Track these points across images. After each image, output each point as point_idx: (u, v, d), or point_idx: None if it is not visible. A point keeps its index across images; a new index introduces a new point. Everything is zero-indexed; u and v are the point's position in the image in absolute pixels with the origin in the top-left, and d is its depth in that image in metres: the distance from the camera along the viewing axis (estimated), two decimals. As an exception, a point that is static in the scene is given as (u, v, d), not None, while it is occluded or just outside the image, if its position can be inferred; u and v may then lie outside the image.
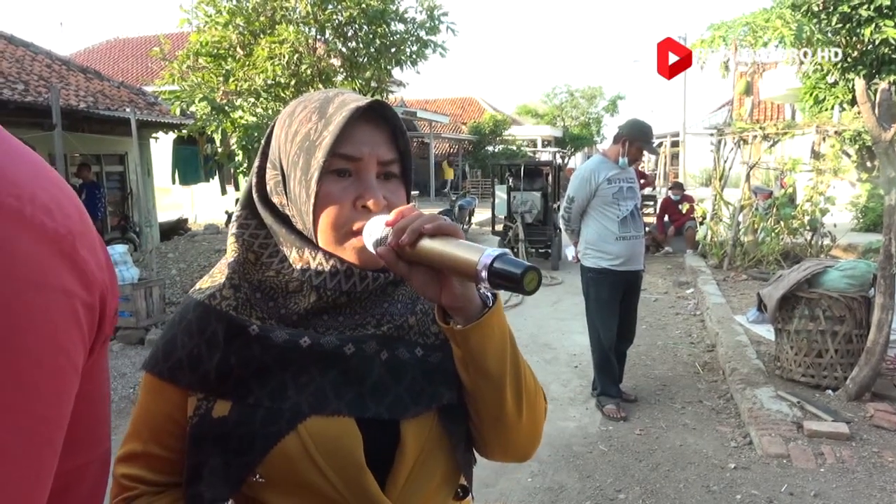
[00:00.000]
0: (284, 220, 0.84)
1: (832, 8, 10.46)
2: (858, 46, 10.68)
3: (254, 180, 0.86)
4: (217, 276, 0.85)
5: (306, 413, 0.77)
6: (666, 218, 10.66)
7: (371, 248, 0.76)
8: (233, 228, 0.86)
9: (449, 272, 0.70)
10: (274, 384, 0.78)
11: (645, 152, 4.03)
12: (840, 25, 10.49)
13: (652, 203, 13.90)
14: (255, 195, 0.86)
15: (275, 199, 0.84)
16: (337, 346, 0.80)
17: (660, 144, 28.07)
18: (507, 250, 0.67)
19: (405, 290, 0.87)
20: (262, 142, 0.87)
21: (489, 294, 0.78)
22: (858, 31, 10.39)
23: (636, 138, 3.95)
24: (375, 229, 0.75)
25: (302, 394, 0.78)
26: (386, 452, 0.79)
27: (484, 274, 0.64)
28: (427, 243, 0.70)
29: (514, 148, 26.56)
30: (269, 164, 0.85)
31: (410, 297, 0.87)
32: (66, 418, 0.50)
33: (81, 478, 0.60)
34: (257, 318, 0.81)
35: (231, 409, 0.77)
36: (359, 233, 0.78)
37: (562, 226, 4.27)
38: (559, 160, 14.25)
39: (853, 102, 10.70)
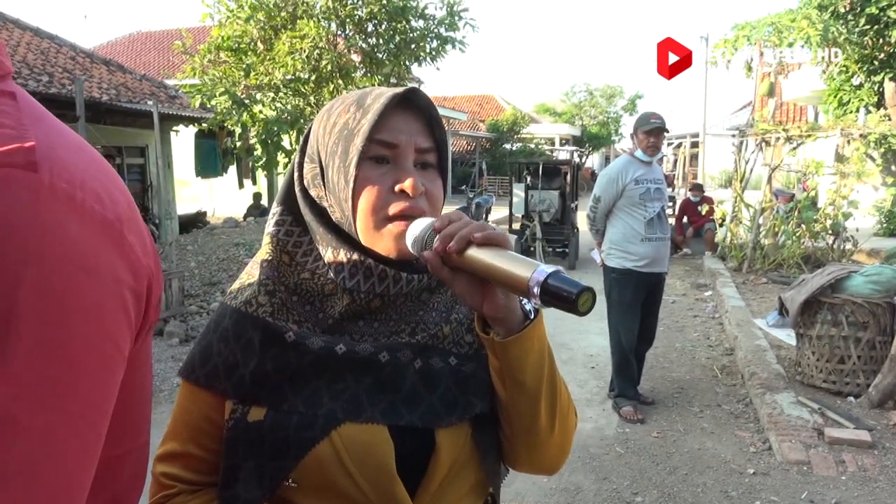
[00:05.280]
0: (322, 216, 0.84)
1: (859, 9, 10.30)
2: (885, 48, 10.51)
3: (295, 175, 0.86)
4: (246, 278, 0.86)
5: (341, 419, 0.77)
6: (685, 219, 10.56)
7: (412, 250, 0.75)
8: (269, 227, 0.86)
9: (497, 283, 0.69)
10: (309, 391, 0.78)
11: (659, 140, 3.98)
12: (867, 27, 10.33)
13: (671, 204, 13.80)
14: (296, 189, 0.86)
15: (312, 192, 0.84)
16: (372, 353, 0.80)
17: (679, 145, 27.84)
18: (560, 268, 0.65)
19: (440, 297, 0.86)
20: (301, 139, 0.87)
21: (530, 306, 0.77)
22: (886, 32, 10.22)
23: (636, 128, 4.00)
24: (418, 231, 0.74)
25: (337, 400, 0.78)
26: (418, 461, 0.79)
27: (536, 290, 0.62)
28: (475, 252, 0.68)
29: (532, 146, 26.48)
30: (306, 159, 0.85)
31: (445, 305, 0.86)
32: (111, 405, 0.51)
33: (121, 466, 0.61)
34: (294, 323, 0.81)
35: (266, 414, 0.78)
36: (395, 218, 0.78)
37: (587, 225, 4.25)
38: (577, 159, 14.19)
39: (879, 105, 10.55)
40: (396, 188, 0.78)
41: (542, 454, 0.84)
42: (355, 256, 0.80)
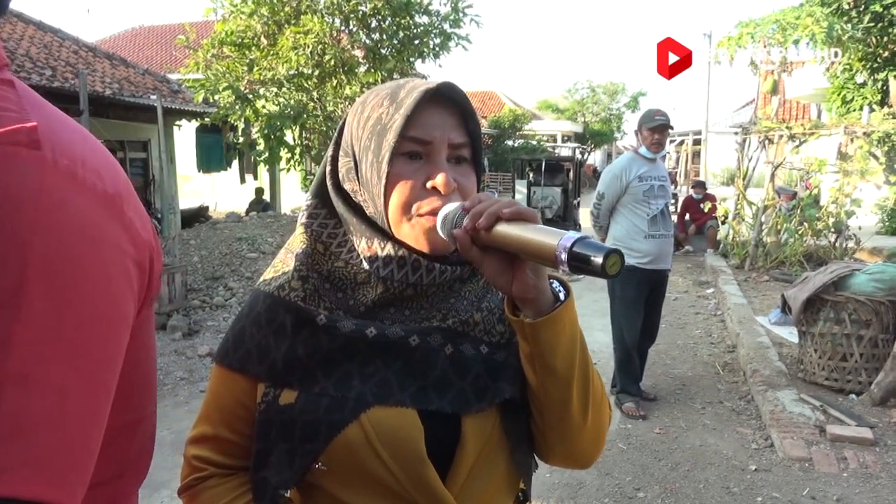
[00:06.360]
0: (356, 210, 0.84)
1: (864, 7, 10.28)
2: (889, 46, 10.49)
3: (327, 168, 0.86)
4: (280, 266, 0.86)
5: (370, 402, 0.76)
6: (687, 217, 10.57)
7: (443, 233, 0.75)
8: (302, 218, 0.86)
9: (526, 256, 0.68)
10: (339, 374, 0.78)
11: (663, 137, 3.98)
12: (872, 24, 10.31)
13: (673, 201, 13.78)
14: (328, 183, 0.85)
15: (347, 186, 0.84)
16: (402, 337, 0.79)
17: (681, 143, 27.80)
18: (588, 234, 0.65)
19: (472, 286, 0.85)
20: (335, 132, 0.87)
21: (561, 288, 0.76)
22: (890, 30, 10.21)
23: (641, 124, 4.01)
24: (450, 214, 0.74)
25: (366, 383, 0.78)
26: (447, 447, 0.78)
27: (563, 257, 0.62)
28: (504, 227, 0.68)
29: (534, 143, 26.45)
30: (341, 152, 0.85)
31: (477, 294, 0.85)
32: (118, 366, 0.54)
33: (133, 434, 0.64)
34: (325, 309, 0.81)
35: (297, 396, 0.78)
36: (428, 214, 0.78)
37: (590, 222, 4.26)
38: (580, 156, 14.18)
39: (883, 103, 10.53)
40: (428, 184, 0.78)
41: (576, 445, 0.82)
42: (389, 246, 0.80)
